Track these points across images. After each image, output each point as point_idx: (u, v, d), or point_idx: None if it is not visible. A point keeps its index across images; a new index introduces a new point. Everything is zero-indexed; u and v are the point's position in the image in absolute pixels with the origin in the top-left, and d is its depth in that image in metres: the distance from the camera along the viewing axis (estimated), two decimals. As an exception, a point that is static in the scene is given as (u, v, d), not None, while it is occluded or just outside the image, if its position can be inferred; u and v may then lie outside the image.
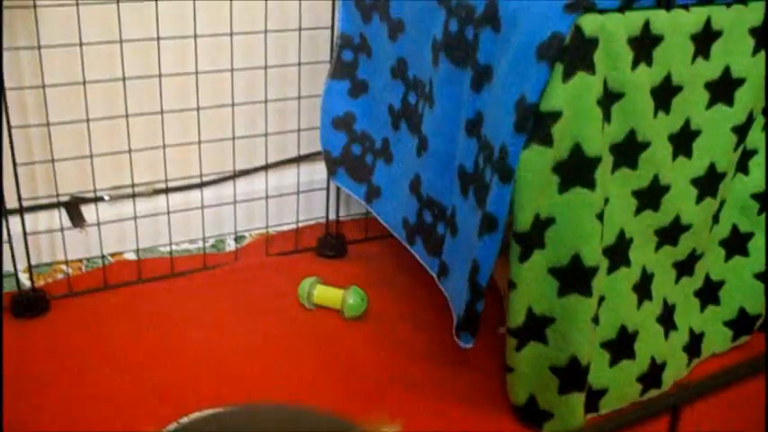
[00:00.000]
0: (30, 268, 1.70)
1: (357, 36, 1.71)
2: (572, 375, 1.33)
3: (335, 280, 1.75)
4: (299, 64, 1.84)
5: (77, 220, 1.79)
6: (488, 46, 1.29)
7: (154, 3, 1.67)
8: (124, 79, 1.66)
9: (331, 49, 1.79)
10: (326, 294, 1.72)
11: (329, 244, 1.93)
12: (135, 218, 1.79)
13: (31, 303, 1.68)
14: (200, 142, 1.79)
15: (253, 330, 1.63)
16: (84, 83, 1.64)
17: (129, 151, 1.73)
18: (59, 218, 1.77)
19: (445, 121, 1.43)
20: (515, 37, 1.22)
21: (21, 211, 1.63)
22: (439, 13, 1.42)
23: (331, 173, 1.82)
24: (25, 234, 1.66)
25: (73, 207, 1.78)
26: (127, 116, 1.71)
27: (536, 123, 1.19)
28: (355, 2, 1.69)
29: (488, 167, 1.29)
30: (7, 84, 1.56)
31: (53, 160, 1.69)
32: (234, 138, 1.84)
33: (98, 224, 1.77)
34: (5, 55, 1.58)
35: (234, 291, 1.75)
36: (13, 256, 1.66)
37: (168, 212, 1.81)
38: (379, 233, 1.87)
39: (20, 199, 1.62)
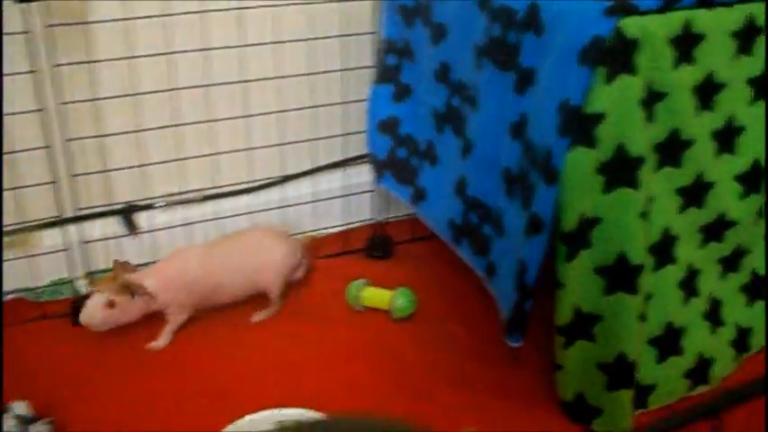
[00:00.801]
0: (88, 275, 1.75)
1: (400, 41, 1.74)
2: (620, 372, 1.35)
3: (384, 281, 1.77)
4: (343, 69, 1.87)
5: (131, 227, 1.84)
6: (530, 49, 1.31)
7: (207, 15, 1.70)
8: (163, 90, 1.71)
9: (374, 54, 1.82)
10: (375, 296, 1.75)
11: (377, 245, 1.96)
12: (188, 224, 1.84)
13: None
14: (237, 150, 1.83)
15: (303, 332, 1.66)
16: (136, 94, 1.69)
17: (181, 159, 1.77)
18: (114, 226, 1.82)
19: (490, 124, 1.45)
20: (557, 40, 1.24)
21: (78, 219, 1.69)
22: (480, 18, 1.45)
23: (377, 176, 1.85)
24: (85, 243, 1.71)
25: (127, 215, 1.83)
26: (177, 125, 1.75)
27: (580, 125, 1.21)
28: (398, 7, 1.72)
29: (534, 169, 1.31)
30: (64, 98, 1.61)
31: (106, 170, 1.74)
32: (282, 144, 1.88)
33: (151, 230, 1.83)
34: (64, 70, 1.63)
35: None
36: (70, 263, 1.72)
37: (215, 218, 1.85)
38: (426, 234, 1.90)
39: (77, 209, 1.68)
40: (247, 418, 1.27)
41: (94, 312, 1.57)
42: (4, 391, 1.44)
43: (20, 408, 1.38)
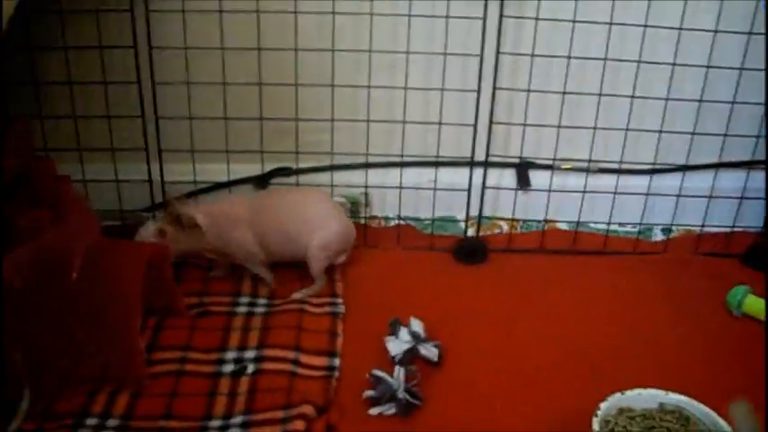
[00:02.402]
0: (477, 219, 1.85)
1: None
2: None
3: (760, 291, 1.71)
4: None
5: (524, 182, 1.90)
6: None
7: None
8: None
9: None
10: (756, 305, 1.69)
11: (756, 253, 1.89)
12: (582, 191, 1.87)
13: (473, 251, 1.83)
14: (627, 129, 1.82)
15: (675, 322, 1.64)
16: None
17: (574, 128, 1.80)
18: (507, 178, 1.90)
19: None
20: None
21: (485, 164, 1.78)
22: None
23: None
24: (484, 187, 1.81)
25: (522, 170, 1.90)
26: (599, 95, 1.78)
27: None
28: None
29: None
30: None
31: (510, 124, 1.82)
32: (674, 132, 1.85)
33: (547, 190, 1.88)
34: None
35: (660, 281, 1.78)
36: (468, 204, 1.82)
37: (610, 192, 1.87)
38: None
39: (487, 155, 1.78)
40: (636, 391, 1.29)
41: (145, 240, 1.60)
42: (400, 308, 1.56)
43: (416, 325, 1.49)
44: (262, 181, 1.87)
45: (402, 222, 1.93)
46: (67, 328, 1.35)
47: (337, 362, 1.46)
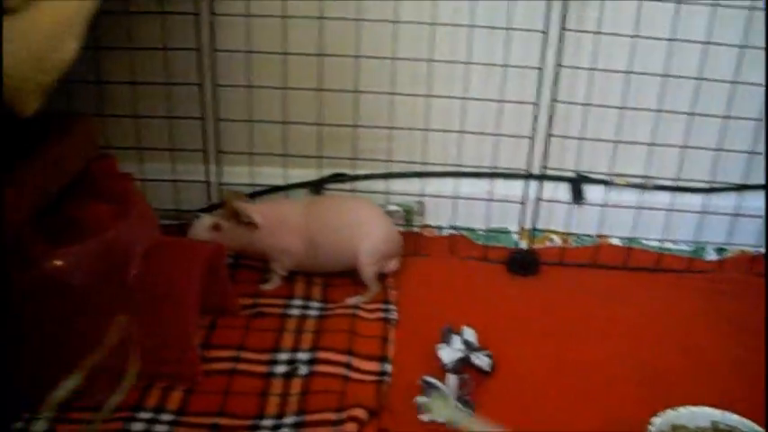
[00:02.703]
0: (530, 231, 1.85)
1: None
2: None
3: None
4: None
5: (578, 197, 1.90)
6: None
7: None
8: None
9: None
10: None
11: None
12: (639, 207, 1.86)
13: (526, 263, 1.83)
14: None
15: (730, 342, 1.62)
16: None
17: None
18: (561, 191, 1.90)
19: None
20: None
21: (541, 177, 1.78)
22: None
23: None
24: (539, 200, 1.81)
25: (577, 184, 1.89)
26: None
27: None
28: None
29: None
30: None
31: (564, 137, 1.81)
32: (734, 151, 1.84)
33: (601, 205, 1.88)
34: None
35: (715, 300, 1.76)
36: (521, 216, 1.82)
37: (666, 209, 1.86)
38: None
39: (543, 168, 1.78)
40: (689, 408, 1.28)
41: (200, 233, 1.62)
42: (452, 316, 1.57)
43: (469, 333, 1.50)
44: (317, 186, 1.88)
45: (455, 232, 1.93)
46: (124, 323, 1.37)
47: (389, 367, 1.47)
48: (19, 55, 1.02)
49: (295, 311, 1.62)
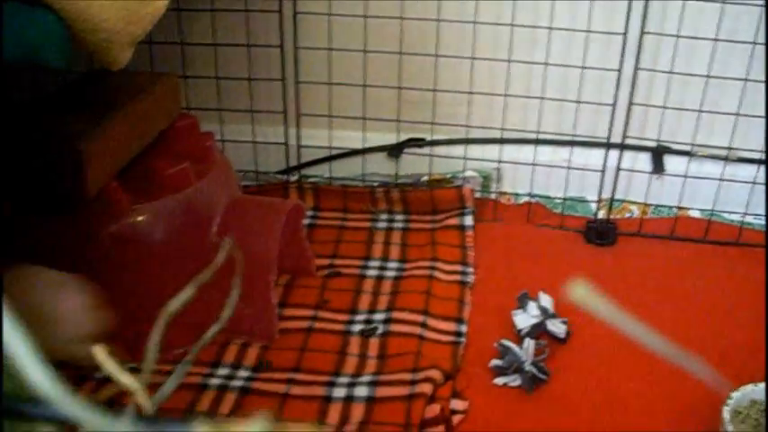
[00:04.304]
0: (609, 201, 1.83)
1: None
2: None
3: None
4: None
5: (658, 167, 1.87)
6: None
7: None
8: None
9: None
10: None
11: None
12: (720, 179, 1.82)
13: (603, 232, 1.81)
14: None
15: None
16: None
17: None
18: (641, 161, 1.87)
19: None
20: None
21: (621, 146, 1.76)
22: None
23: None
24: (618, 169, 1.79)
25: (658, 155, 1.86)
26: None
27: None
28: None
29: None
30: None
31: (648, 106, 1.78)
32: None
33: (682, 176, 1.84)
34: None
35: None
36: (600, 186, 1.80)
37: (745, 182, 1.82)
38: None
39: (624, 137, 1.75)
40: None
41: None
42: (528, 283, 1.56)
43: (545, 300, 1.49)
44: (395, 150, 1.88)
45: (532, 200, 1.92)
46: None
47: (464, 328, 1.47)
48: (110, 8, 1.04)
49: (372, 272, 1.63)
